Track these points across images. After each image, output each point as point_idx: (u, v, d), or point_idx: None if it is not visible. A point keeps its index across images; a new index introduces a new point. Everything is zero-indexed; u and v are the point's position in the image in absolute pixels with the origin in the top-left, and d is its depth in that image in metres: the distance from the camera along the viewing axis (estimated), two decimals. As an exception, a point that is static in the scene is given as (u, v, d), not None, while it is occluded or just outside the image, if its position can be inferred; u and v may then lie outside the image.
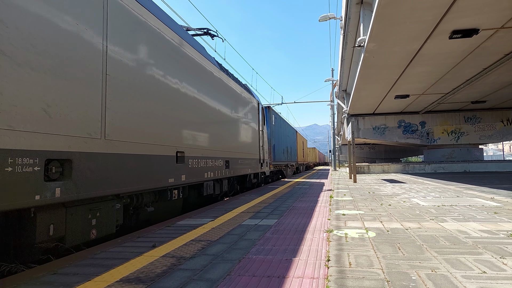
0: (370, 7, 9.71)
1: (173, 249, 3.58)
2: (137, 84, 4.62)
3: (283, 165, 19.61)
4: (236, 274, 2.75)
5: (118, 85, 4.20)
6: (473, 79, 14.08)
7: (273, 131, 16.57)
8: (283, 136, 19.88)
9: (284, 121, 21.36)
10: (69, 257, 3.42)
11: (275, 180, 19.17)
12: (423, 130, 23.72)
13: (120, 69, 4.27)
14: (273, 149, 16.41)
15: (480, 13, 8.19)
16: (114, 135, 4.11)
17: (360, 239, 3.88)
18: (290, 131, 24.07)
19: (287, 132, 22.15)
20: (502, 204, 6.46)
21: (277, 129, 17.76)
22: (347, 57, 15.19)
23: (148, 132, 4.86)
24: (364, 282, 2.49)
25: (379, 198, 7.91)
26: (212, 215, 5.92)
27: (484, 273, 2.62)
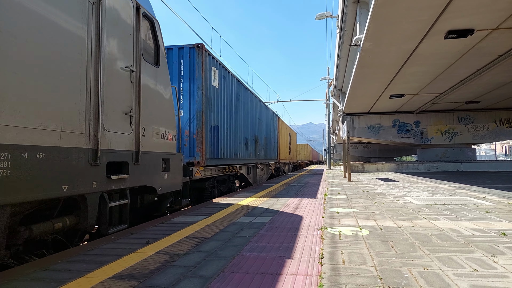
0: (366, 6, 9.73)
1: (167, 246, 3.57)
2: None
3: (245, 165, 12.60)
4: (229, 271, 2.75)
5: None
6: (467, 80, 14.19)
7: (217, 99, 9.37)
8: (245, 116, 12.64)
9: (250, 93, 13.72)
10: (61, 253, 3.40)
11: (222, 193, 10.55)
12: (417, 130, 23.87)
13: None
14: (215, 134, 9.21)
15: (475, 14, 8.24)
16: None
17: (354, 236, 3.89)
18: (265, 114, 17.13)
19: (257, 112, 14.97)
20: (493, 203, 6.53)
21: (228, 99, 10.44)
22: (343, 56, 15.21)
23: None
24: (357, 279, 2.51)
25: (373, 197, 7.95)
26: (206, 212, 5.91)
27: (475, 271, 2.65)
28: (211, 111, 8.90)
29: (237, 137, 11.44)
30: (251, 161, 13.52)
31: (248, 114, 13.33)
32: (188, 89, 8.21)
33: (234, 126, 11.17)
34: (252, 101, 14.20)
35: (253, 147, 13.88)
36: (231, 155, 10.62)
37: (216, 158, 9.26)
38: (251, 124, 13.73)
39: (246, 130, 12.83)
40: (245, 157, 12.43)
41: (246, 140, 12.69)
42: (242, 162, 12.04)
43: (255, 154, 14.29)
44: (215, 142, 9.20)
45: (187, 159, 7.94)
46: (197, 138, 8.08)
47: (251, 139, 13.57)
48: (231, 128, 10.71)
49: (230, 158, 10.54)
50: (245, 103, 12.79)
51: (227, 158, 10.24)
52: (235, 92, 11.42)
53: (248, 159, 12.94)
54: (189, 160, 7.94)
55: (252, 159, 13.68)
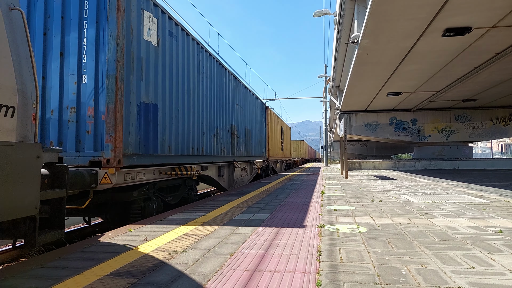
0: (364, 4, 9.71)
1: (165, 243, 3.56)
2: None
3: (214, 164, 9.68)
4: (227, 268, 2.75)
5: None
6: (464, 78, 14.22)
7: (155, 62, 6.48)
8: (215, 98, 9.74)
9: (224, 69, 10.76)
10: (58, 250, 3.38)
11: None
12: (414, 128, 23.93)
13: None
14: (151, 117, 6.28)
15: (473, 12, 8.25)
16: None
17: (351, 234, 3.90)
18: (248, 100, 14.07)
19: (235, 95, 12.04)
20: (490, 201, 6.56)
21: (180, 67, 7.51)
22: (340, 53, 15.20)
23: None
24: (355, 276, 2.51)
25: (370, 194, 7.97)
26: (204, 209, 5.90)
27: (472, 269, 2.66)
28: (139, 79, 5.84)
29: (198, 125, 8.28)
30: (226, 159, 10.60)
31: (220, 95, 10.18)
32: (94, 39, 5.35)
33: (193, 109, 8.01)
34: (226, 80, 10.93)
35: (227, 140, 10.78)
36: (185, 150, 7.53)
37: (153, 155, 6.22)
38: (224, 109, 10.56)
39: (216, 116, 9.77)
40: (215, 153, 9.45)
41: (215, 130, 9.59)
42: (208, 161, 8.94)
43: (231, 150, 11.24)
44: (150, 129, 6.15)
45: (90, 155, 5.18)
46: (108, 121, 5.11)
47: (224, 129, 10.45)
48: (185, 110, 7.60)
49: (183, 154, 7.39)
50: (213, 79, 9.65)
51: (176, 155, 7.10)
52: (196, 60, 8.31)
53: (220, 156, 10.01)
54: (94, 158, 5.14)
55: (227, 156, 10.71)
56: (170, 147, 6.85)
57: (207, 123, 8.96)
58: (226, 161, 10.71)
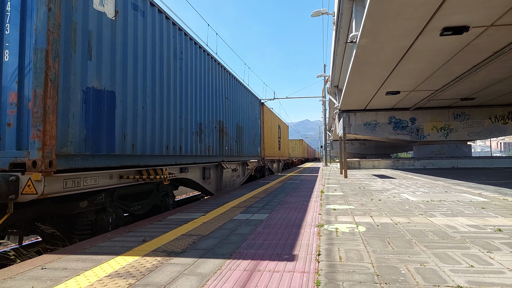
0: (362, 3, 9.72)
1: (164, 244, 3.56)
2: None
3: (198, 165, 8.59)
4: (227, 268, 2.75)
5: None
6: (462, 76, 14.23)
7: (111, 39, 5.15)
8: (197, 89, 8.53)
9: (209, 56, 9.52)
10: (58, 251, 3.38)
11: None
12: (413, 126, 23.95)
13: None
14: (104, 106, 4.94)
15: (470, 11, 8.26)
16: None
17: (351, 233, 3.90)
18: (240, 94, 12.84)
19: (223, 88, 10.75)
20: (489, 200, 6.57)
21: (149, 48, 6.25)
22: (339, 53, 15.21)
23: None
24: (354, 276, 2.51)
25: (369, 193, 7.98)
26: (203, 209, 5.90)
27: (471, 267, 2.67)
28: (85, 58, 4.60)
29: (174, 120, 7.10)
30: (212, 159, 9.42)
31: (204, 87, 8.85)
32: (20, 3, 4.12)
33: (167, 100, 6.79)
34: (212, 70, 9.54)
35: (213, 138, 9.55)
36: (156, 149, 6.31)
37: (109, 155, 4.97)
38: (209, 103, 9.26)
39: (200, 110, 8.54)
40: (197, 152, 8.27)
41: (198, 126, 8.41)
42: (188, 161, 7.77)
43: (219, 149, 9.99)
44: (104, 122, 4.90)
45: (11, 155, 3.92)
46: (35, 110, 3.85)
47: (209, 125, 9.20)
48: (157, 101, 6.39)
49: (153, 154, 6.18)
50: (196, 68, 8.32)
51: (143, 155, 5.90)
52: (172, 44, 7.10)
53: (205, 157, 8.85)
54: (17, 159, 3.89)
55: (213, 156, 9.48)
56: (134, 146, 5.59)
57: (187, 117, 7.71)
58: (212, 162, 9.50)
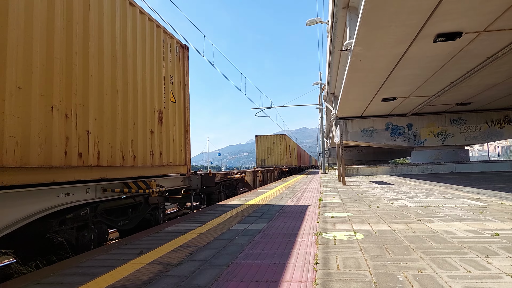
0: (356, 11, 9.83)
1: (161, 256, 3.54)
2: None
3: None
4: (224, 279, 2.73)
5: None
6: (457, 82, 14.35)
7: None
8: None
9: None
10: (53, 266, 3.35)
11: None
12: (410, 132, 24.04)
13: None
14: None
15: (463, 17, 8.36)
16: None
17: (348, 241, 3.89)
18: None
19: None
20: (487, 204, 6.57)
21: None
22: (334, 60, 15.33)
23: None
24: (351, 284, 2.50)
25: (367, 200, 7.97)
26: (200, 220, 5.88)
27: (469, 273, 2.65)
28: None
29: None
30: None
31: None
32: None
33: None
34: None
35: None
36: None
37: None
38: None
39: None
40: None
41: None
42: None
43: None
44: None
45: None
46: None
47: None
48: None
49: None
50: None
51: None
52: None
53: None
54: None
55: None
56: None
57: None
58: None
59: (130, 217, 6.31)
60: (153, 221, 7.08)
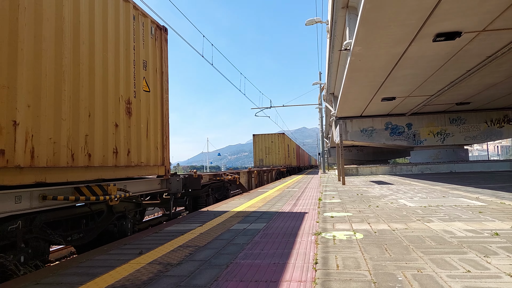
0: (355, 11, 9.83)
1: (160, 256, 3.54)
2: None
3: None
4: (223, 279, 2.73)
5: None
6: (457, 81, 14.35)
7: None
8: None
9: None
10: (53, 266, 3.35)
11: None
12: (410, 132, 24.05)
13: None
14: None
15: (462, 16, 8.37)
16: None
17: (348, 241, 3.89)
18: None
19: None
20: (486, 204, 6.57)
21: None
22: (334, 60, 15.32)
23: None
24: (351, 284, 2.50)
25: (367, 200, 7.97)
26: (200, 220, 5.88)
27: (468, 272, 2.66)
28: None
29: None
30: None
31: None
32: None
33: None
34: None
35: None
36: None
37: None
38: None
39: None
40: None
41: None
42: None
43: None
44: None
45: None
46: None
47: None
48: None
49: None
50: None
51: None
52: None
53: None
54: None
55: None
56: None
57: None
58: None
59: (85, 229, 5.19)
60: (118, 233, 5.88)
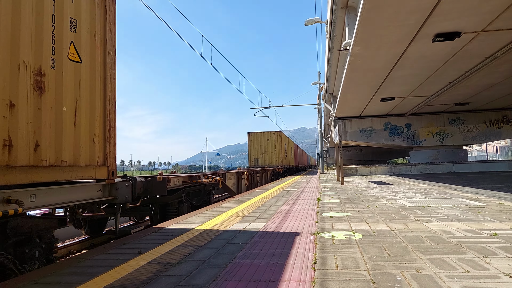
0: (354, 11, 9.83)
1: (159, 255, 3.53)
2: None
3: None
4: (222, 279, 2.73)
5: None
6: (456, 82, 14.37)
7: None
8: None
9: None
10: (52, 265, 3.35)
11: None
12: (409, 132, 24.08)
13: None
14: None
15: (461, 17, 8.38)
16: None
17: (347, 241, 3.89)
18: None
19: None
20: (485, 204, 6.58)
21: None
22: (333, 60, 15.33)
23: None
24: (350, 284, 2.50)
25: (366, 200, 7.97)
26: (199, 220, 5.87)
27: (467, 273, 2.66)
28: None
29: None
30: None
31: None
32: None
33: None
34: None
35: None
36: None
37: None
38: None
39: None
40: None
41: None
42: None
43: None
44: None
45: None
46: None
47: None
48: None
49: None
50: None
51: None
52: None
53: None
54: None
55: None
56: None
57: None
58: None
59: None
60: (13, 263, 3.95)
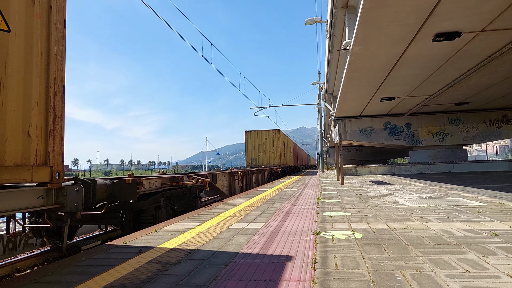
0: (355, 11, 9.83)
1: (159, 255, 3.53)
2: None
3: None
4: (222, 278, 2.73)
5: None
6: (456, 81, 14.37)
7: None
8: None
9: None
10: (52, 264, 3.35)
11: None
12: (409, 132, 24.09)
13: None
14: None
15: (461, 16, 8.38)
16: None
17: (347, 240, 3.89)
18: None
19: None
20: (485, 204, 6.59)
21: None
22: (333, 60, 15.33)
23: None
24: (350, 283, 2.50)
25: (366, 200, 7.98)
26: (199, 219, 5.87)
27: (467, 272, 2.66)
28: None
29: None
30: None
31: None
32: None
33: None
34: None
35: None
36: None
37: None
38: None
39: None
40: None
41: None
42: None
43: None
44: None
45: None
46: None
47: None
48: None
49: None
50: None
51: None
52: None
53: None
54: None
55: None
56: None
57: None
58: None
59: None
60: None
